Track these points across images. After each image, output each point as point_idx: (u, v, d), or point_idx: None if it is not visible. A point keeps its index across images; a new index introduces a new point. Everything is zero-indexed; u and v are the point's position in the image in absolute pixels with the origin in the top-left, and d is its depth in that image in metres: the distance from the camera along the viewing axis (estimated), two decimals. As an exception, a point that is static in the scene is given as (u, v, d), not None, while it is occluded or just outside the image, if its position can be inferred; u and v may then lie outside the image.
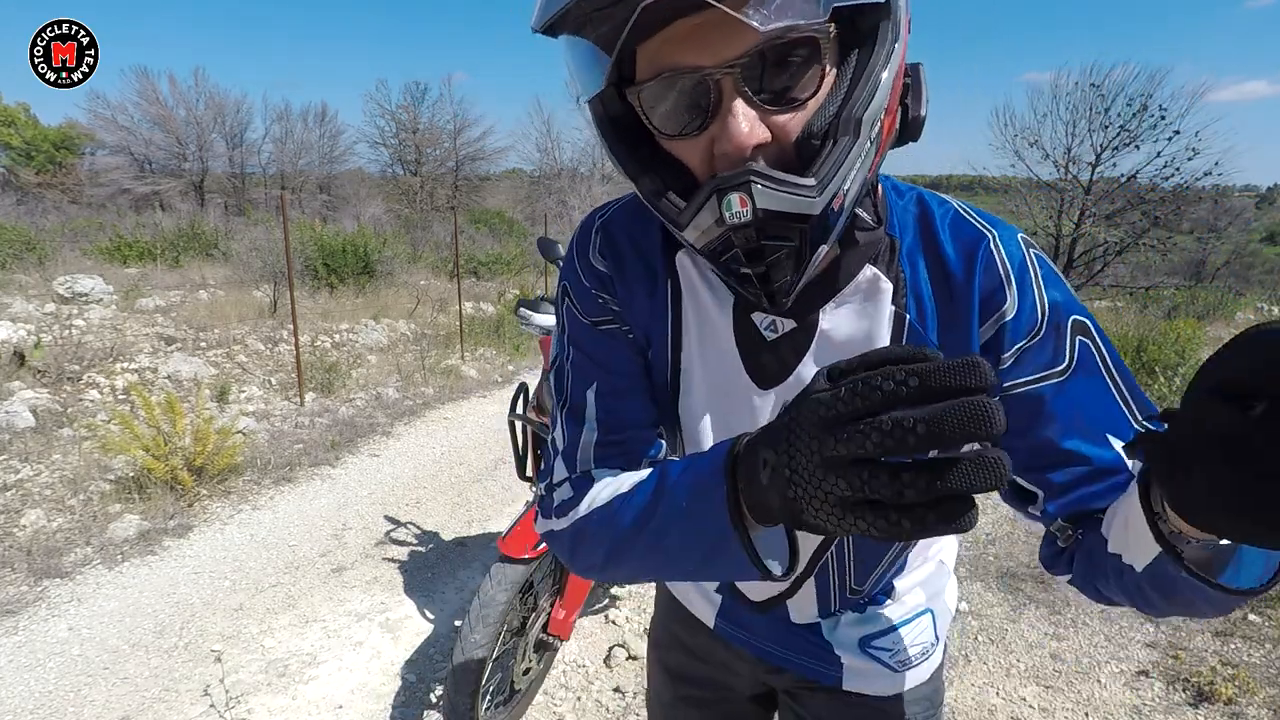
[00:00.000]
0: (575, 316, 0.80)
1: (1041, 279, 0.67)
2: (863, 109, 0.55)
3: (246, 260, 10.21)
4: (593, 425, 0.77)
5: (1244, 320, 13.16)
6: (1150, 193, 10.72)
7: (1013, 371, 0.67)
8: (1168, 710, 2.47)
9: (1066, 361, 0.66)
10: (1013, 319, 0.66)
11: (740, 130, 0.55)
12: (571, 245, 0.82)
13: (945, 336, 0.69)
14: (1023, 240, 0.69)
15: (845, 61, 0.57)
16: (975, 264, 0.67)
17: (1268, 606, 2.98)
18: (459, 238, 10.95)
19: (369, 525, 3.93)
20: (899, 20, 0.58)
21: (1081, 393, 0.66)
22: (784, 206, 0.55)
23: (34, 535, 3.55)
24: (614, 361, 0.78)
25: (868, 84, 0.56)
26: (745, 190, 0.54)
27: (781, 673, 0.94)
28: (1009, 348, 0.67)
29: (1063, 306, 0.67)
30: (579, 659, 2.78)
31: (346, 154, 31.22)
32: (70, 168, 26.38)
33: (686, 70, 0.55)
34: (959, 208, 0.71)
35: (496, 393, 6.92)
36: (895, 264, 0.69)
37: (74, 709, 2.46)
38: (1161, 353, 6.73)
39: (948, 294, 0.68)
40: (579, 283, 0.79)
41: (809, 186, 0.55)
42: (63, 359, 5.83)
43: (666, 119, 0.59)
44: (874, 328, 0.69)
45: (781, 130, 0.57)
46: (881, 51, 0.56)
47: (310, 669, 2.70)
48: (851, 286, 0.69)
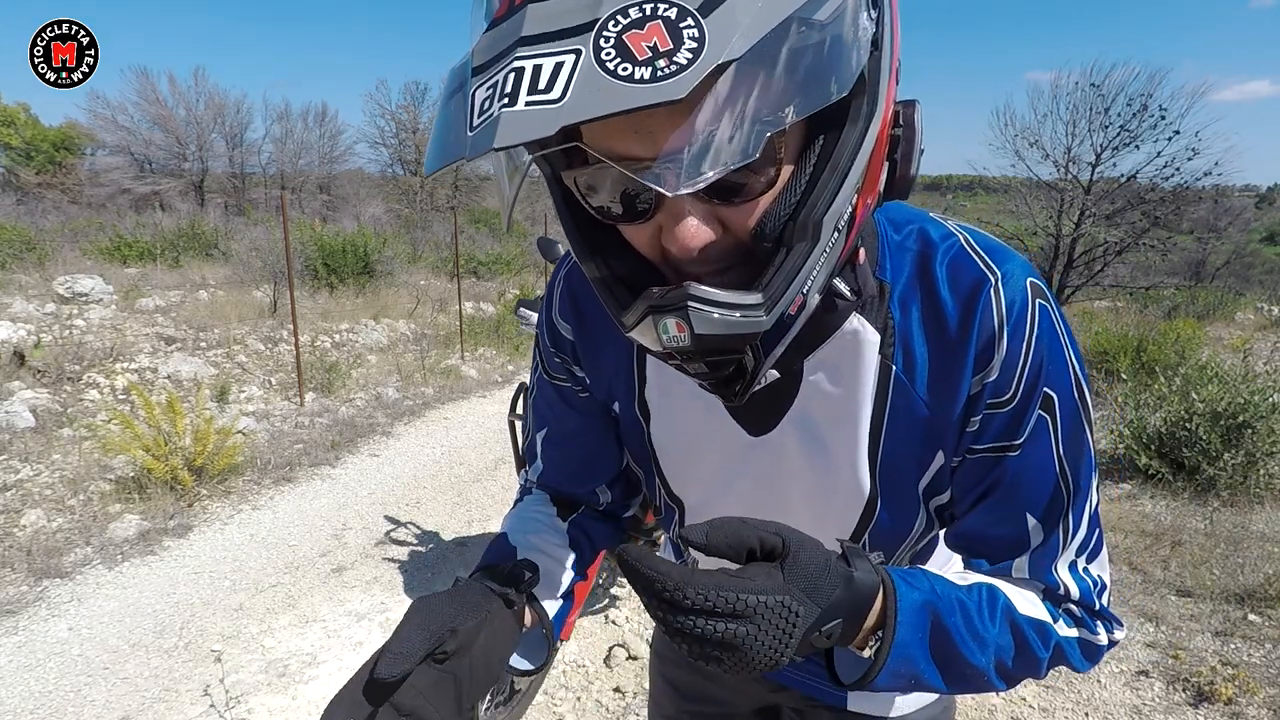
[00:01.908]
0: (540, 366, 0.87)
1: (1035, 337, 0.61)
2: (822, 210, 0.49)
3: (246, 260, 10.22)
4: (538, 466, 0.90)
5: (1244, 320, 13.16)
6: (1150, 193, 10.72)
7: (976, 436, 0.65)
8: (1168, 710, 2.47)
9: (1021, 438, 0.63)
10: (993, 380, 0.62)
11: (686, 232, 0.49)
12: (543, 296, 0.85)
13: (935, 389, 0.64)
14: (1031, 286, 0.62)
15: (811, 144, 0.50)
16: (974, 313, 0.61)
17: (1268, 607, 2.98)
18: (459, 237, 10.96)
19: (369, 525, 3.93)
20: (880, 86, 0.50)
21: (1021, 473, 0.64)
22: (726, 330, 0.49)
23: (34, 535, 3.55)
24: (563, 417, 0.86)
25: (831, 177, 0.49)
26: (682, 315, 0.49)
27: (786, 690, 0.93)
28: (979, 409, 0.63)
29: (1041, 375, 0.62)
30: (579, 659, 2.78)
31: (346, 154, 31.27)
32: (70, 168, 26.39)
33: (628, 161, 0.47)
34: (964, 241, 0.64)
35: (496, 393, 6.92)
36: (885, 311, 0.64)
37: (74, 709, 2.46)
38: (1161, 353, 6.74)
39: (941, 344, 0.63)
40: (543, 339, 0.84)
41: (753, 306, 0.49)
42: (63, 359, 5.83)
43: (608, 207, 0.52)
44: (859, 380, 0.65)
45: (732, 224, 0.50)
46: (852, 133, 0.49)
47: (310, 669, 2.70)
48: (835, 338, 0.64)
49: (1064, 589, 0.66)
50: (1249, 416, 4.12)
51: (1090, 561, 0.68)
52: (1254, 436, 4.11)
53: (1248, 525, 3.78)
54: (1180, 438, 4.32)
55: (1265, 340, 8.54)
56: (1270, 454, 4.11)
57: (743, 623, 0.48)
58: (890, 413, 0.66)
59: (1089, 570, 0.67)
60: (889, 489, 0.70)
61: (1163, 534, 3.68)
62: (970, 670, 0.60)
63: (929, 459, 0.68)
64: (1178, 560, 3.43)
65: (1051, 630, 0.64)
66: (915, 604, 0.57)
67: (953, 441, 0.66)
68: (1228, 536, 3.64)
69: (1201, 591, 3.14)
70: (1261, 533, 3.69)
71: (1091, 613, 0.67)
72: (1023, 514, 0.66)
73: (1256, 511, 3.97)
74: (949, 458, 0.67)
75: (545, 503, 0.88)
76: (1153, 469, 4.35)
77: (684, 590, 0.48)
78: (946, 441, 0.66)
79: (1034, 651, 0.63)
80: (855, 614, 0.54)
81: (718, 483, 0.77)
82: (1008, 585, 0.65)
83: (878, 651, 0.56)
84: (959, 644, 0.59)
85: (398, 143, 31.05)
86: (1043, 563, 0.66)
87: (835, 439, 0.69)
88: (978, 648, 0.60)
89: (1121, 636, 0.69)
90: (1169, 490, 4.25)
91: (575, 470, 0.87)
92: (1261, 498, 4.06)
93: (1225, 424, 4.17)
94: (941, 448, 0.67)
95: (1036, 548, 0.66)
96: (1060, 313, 0.65)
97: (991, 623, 0.61)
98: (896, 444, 0.67)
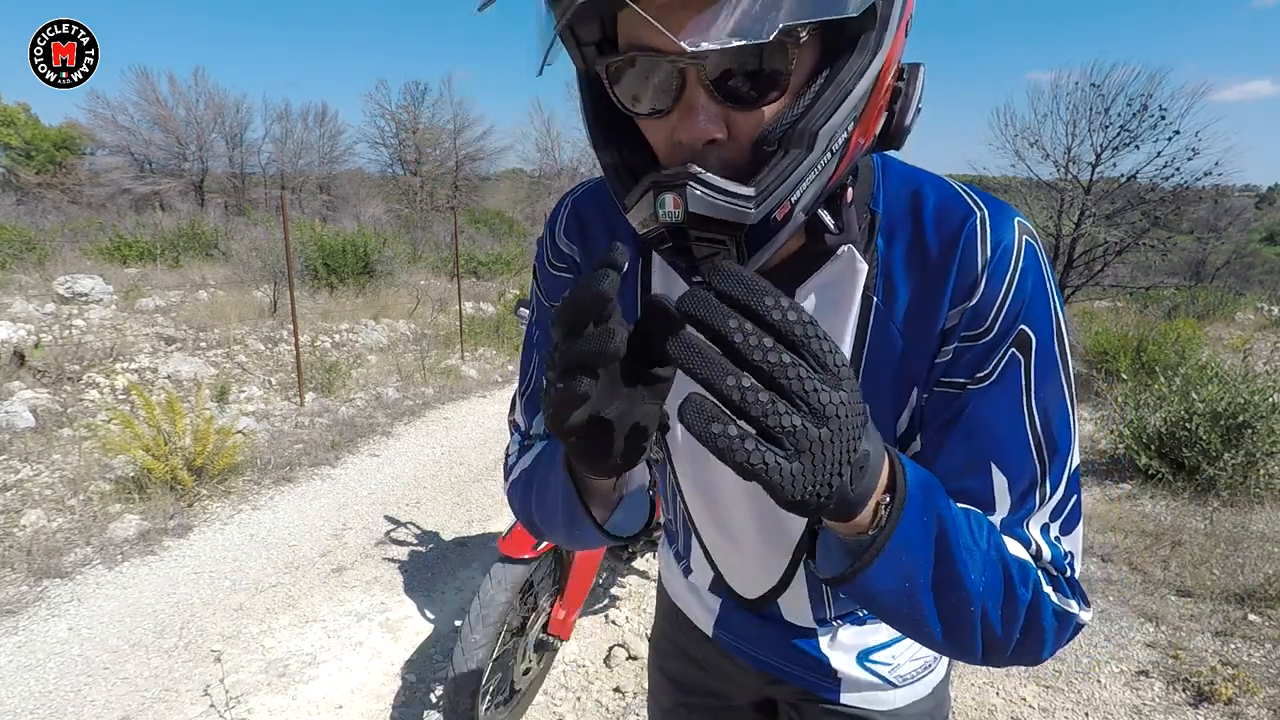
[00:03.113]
0: (540, 299, 0.84)
1: (1018, 273, 0.61)
2: (820, 122, 0.53)
3: (246, 260, 10.22)
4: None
5: (1244, 320, 13.16)
6: (1150, 193, 10.70)
7: (946, 368, 0.64)
8: (1168, 710, 2.47)
9: (987, 372, 0.63)
10: (970, 309, 0.62)
11: (695, 123, 0.54)
12: (545, 225, 0.84)
13: (912, 322, 0.65)
14: (1019, 226, 0.63)
15: (823, 67, 0.54)
16: (956, 245, 0.63)
17: (1268, 607, 2.98)
18: (459, 237, 10.96)
19: (369, 525, 3.93)
20: (888, 29, 0.54)
21: (985, 411, 0.63)
22: (715, 214, 0.53)
23: (34, 535, 3.55)
24: None
25: (834, 96, 0.53)
26: (680, 192, 0.53)
27: (782, 684, 0.94)
28: (953, 340, 0.63)
29: (1022, 312, 0.62)
30: (579, 659, 2.78)
31: (346, 154, 31.24)
32: (70, 168, 26.37)
33: (654, 53, 0.53)
34: (958, 186, 0.66)
35: (496, 393, 6.92)
36: (873, 242, 0.66)
37: (74, 709, 2.46)
38: (1161, 353, 6.74)
39: (922, 276, 0.65)
40: (544, 265, 0.82)
41: (746, 196, 0.53)
42: (63, 359, 5.83)
43: (631, 98, 0.58)
44: (844, 311, 0.67)
45: (739, 130, 0.55)
46: (857, 61, 0.53)
47: (310, 669, 2.70)
48: (826, 267, 0.66)
49: (1035, 547, 0.62)
50: (1249, 416, 4.12)
51: (1064, 533, 0.64)
52: (1254, 436, 4.11)
53: (1248, 525, 3.79)
54: (1180, 438, 4.32)
55: (1265, 340, 8.54)
56: (1270, 454, 4.11)
57: (820, 423, 0.41)
58: (870, 345, 0.67)
59: (1060, 540, 0.64)
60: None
61: (1163, 534, 3.69)
62: (961, 595, 0.55)
63: (904, 397, 0.67)
64: (1178, 560, 3.43)
65: (1032, 570, 0.60)
66: (923, 479, 0.54)
67: (923, 374, 0.66)
68: (1228, 536, 3.64)
69: (1201, 591, 3.14)
70: (1261, 533, 3.70)
71: (1065, 579, 0.63)
72: (987, 463, 0.63)
73: (1256, 511, 3.97)
74: (920, 395, 0.67)
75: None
76: (1153, 469, 4.35)
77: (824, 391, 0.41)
78: (919, 376, 0.66)
79: (1017, 594, 0.58)
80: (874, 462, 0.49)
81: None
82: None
83: (887, 518, 0.51)
84: (957, 548, 0.54)
85: (398, 143, 31.03)
86: (1012, 518, 0.63)
87: None
88: (971, 562, 0.55)
89: (1089, 619, 0.64)
90: (1169, 490, 4.25)
91: None
92: (1261, 498, 4.06)
93: (1225, 424, 4.17)
94: (916, 384, 0.66)
95: (1009, 512, 0.63)
96: (1047, 258, 0.65)
97: (982, 539, 0.57)
98: (874, 376, 0.67)
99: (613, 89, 0.58)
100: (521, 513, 0.79)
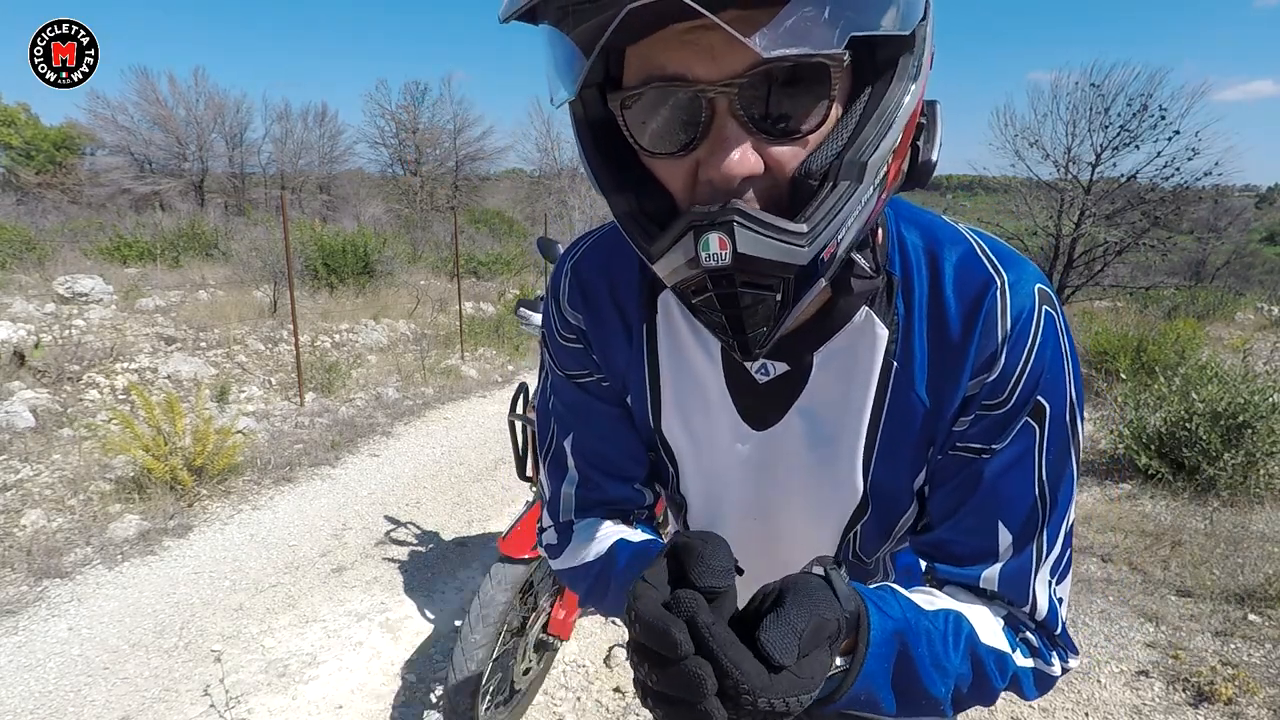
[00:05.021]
0: (553, 367, 0.81)
1: (1037, 346, 0.61)
2: (870, 152, 0.49)
3: (246, 260, 10.23)
4: (571, 477, 0.81)
5: (1244, 320, 13.16)
6: (1150, 193, 10.70)
7: (962, 434, 0.65)
8: (1168, 710, 2.47)
9: (1002, 440, 0.63)
10: (991, 382, 0.62)
11: (730, 158, 0.48)
12: (548, 289, 0.81)
13: (934, 388, 0.65)
14: (1040, 294, 0.62)
15: (857, 95, 0.51)
16: (978, 316, 0.61)
17: (1268, 607, 2.98)
18: (459, 237, 10.96)
19: (369, 525, 3.93)
20: (922, 54, 0.51)
21: (998, 478, 0.64)
22: (768, 254, 0.49)
23: (34, 535, 3.55)
24: (590, 415, 0.79)
25: (878, 124, 0.50)
26: (726, 230, 0.48)
27: None
28: (973, 409, 0.63)
29: (1039, 384, 0.62)
30: (579, 659, 2.78)
31: (346, 154, 31.27)
32: (70, 168, 26.38)
33: (678, 82, 0.49)
34: (974, 244, 0.64)
35: (496, 393, 6.92)
36: (892, 307, 0.64)
37: (74, 709, 2.46)
38: (1161, 353, 6.73)
39: (942, 345, 0.63)
40: (554, 334, 0.79)
41: (798, 234, 0.49)
42: (63, 359, 5.82)
43: (649, 134, 0.52)
44: (864, 376, 0.66)
45: (777, 164, 0.50)
46: (899, 88, 0.50)
47: (310, 669, 2.70)
48: (845, 330, 0.64)
49: (1033, 607, 0.66)
50: (1249, 416, 4.12)
51: (1058, 581, 0.67)
52: (1254, 436, 4.11)
53: (1248, 525, 3.78)
54: (1180, 438, 4.32)
55: (1265, 340, 8.54)
56: (1270, 454, 4.11)
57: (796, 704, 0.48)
58: (889, 409, 0.66)
59: (1054, 588, 0.67)
60: (883, 485, 0.70)
61: (1163, 534, 3.68)
62: (927, 701, 0.60)
63: (922, 459, 0.68)
64: (1178, 560, 3.43)
65: (1010, 661, 0.64)
66: (886, 634, 0.57)
67: (941, 438, 0.66)
68: (1228, 536, 3.64)
69: (1201, 591, 3.14)
70: (1261, 533, 3.69)
71: (1051, 639, 0.67)
72: (995, 522, 0.65)
73: (1256, 511, 3.97)
74: (934, 454, 0.68)
75: (607, 523, 0.81)
76: (1153, 469, 4.35)
77: (765, 696, 0.45)
78: (937, 440, 0.67)
79: (991, 682, 0.63)
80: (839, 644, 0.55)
81: (718, 478, 0.76)
82: (973, 609, 0.65)
83: (844, 676, 0.55)
84: (921, 675, 0.58)
85: (398, 143, 31.04)
86: (1016, 578, 0.65)
87: (838, 433, 0.69)
88: (939, 678, 0.59)
89: (1075, 665, 0.69)
90: (1169, 490, 4.25)
91: (613, 470, 0.80)
92: (1261, 498, 4.06)
93: (1225, 424, 4.17)
94: (933, 446, 0.67)
95: (1009, 560, 0.65)
96: (1066, 324, 0.65)
97: (955, 651, 0.61)
98: (893, 441, 0.67)
99: (628, 126, 0.53)
100: (586, 601, 0.83)
